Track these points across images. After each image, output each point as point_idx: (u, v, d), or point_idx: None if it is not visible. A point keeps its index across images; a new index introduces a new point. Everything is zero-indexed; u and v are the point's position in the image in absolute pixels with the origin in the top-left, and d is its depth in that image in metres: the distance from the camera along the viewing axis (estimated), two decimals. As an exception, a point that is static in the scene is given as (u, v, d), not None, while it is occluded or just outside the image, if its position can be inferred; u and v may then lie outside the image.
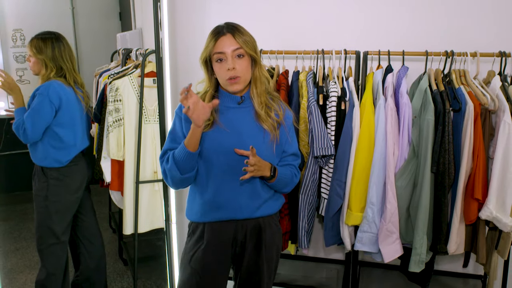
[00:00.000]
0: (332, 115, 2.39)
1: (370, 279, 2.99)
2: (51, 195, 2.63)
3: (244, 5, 2.88)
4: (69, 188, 2.68)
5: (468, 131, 2.22)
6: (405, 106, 2.31)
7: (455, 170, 2.29)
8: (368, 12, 2.70)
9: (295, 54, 2.55)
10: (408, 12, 2.65)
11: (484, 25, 2.56)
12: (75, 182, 2.71)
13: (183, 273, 1.91)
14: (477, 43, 2.42)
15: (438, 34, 2.59)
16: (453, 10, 2.59)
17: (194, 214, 1.88)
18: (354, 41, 2.56)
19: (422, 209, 2.31)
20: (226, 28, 1.73)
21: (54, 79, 2.58)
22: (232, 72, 1.71)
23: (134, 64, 3.01)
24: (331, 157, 2.39)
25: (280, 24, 2.79)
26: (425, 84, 2.33)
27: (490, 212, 2.22)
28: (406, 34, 2.64)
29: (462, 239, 2.38)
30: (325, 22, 2.75)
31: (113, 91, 2.79)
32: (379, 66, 2.48)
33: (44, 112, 2.52)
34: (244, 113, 1.82)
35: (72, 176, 2.69)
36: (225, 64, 1.72)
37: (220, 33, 1.72)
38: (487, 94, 2.26)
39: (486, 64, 2.41)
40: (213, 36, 1.73)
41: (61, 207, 2.67)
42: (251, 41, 1.77)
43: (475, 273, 2.86)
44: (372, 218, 2.37)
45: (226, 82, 1.75)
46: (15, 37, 4.50)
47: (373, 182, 2.34)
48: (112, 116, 2.81)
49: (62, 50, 2.63)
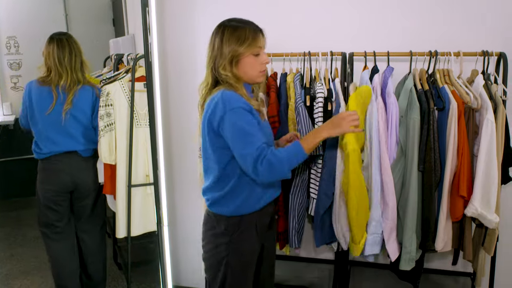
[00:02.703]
0: (319, 115, 2.42)
1: (361, 279, 3.01)
2: (36, 186, 2.81)
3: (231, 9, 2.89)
4: (42, 183, 2.79)
5: (452, 129, 2.24)
6: (392, 105, 2.34)
7: (441, 168, 2.32)
8: (353, 14, 2.74)
9: (283, 56, 2.59)
10: (392, 14, 2.68)
11: (467, 25, 2.60)
12: (49, 180, 2.78)
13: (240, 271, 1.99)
14: (461, 43, 2.45)
15: (422, 34, 2.62)
16: (436, 10, 2.62)
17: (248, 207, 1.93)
18: (340, 43, 2.59)
19: (410, 208, 2.33)
20: (254, 24, 1.92)
21: (36, 79, 2.74)
22: (265, 65, 1.92)
23: (125, 69, 3.05)
24: (319, 157, 2.42)
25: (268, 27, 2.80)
26: (410, 83, 2.37)
27: (475, 209, 2.24)
28: (391, 35, 2.67)
29: (449, 236, 2.41)
30: (311, 25, 2.78)
31: (104, 95, 2.82)
32: (365, 67, 2.51)
33: (23, 104, 2.80)
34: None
35: (47, 173, 2.79)
36: (261, 57, 1.88)
37: (258, 29, 1.89)
38: (470, 93, 2.29)
39: (470, 63, 2.43)
40: (256, 31, 1.88)
41: (42, 199, 2.79)
42: None
43: (464, 270, 2.88)
44: (378, 218, 2.40)
45: (259, 74, 1.90)
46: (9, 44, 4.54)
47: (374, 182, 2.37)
48: (104, 121, 2.84)
49: (52, 49, 2.71)
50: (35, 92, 2.72)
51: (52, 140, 2.74)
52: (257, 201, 1.93)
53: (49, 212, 2.79)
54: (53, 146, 2.75)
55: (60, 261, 2.88)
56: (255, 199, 1.92)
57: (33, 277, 3.36)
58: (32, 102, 2.73)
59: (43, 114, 2.72)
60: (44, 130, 2.74)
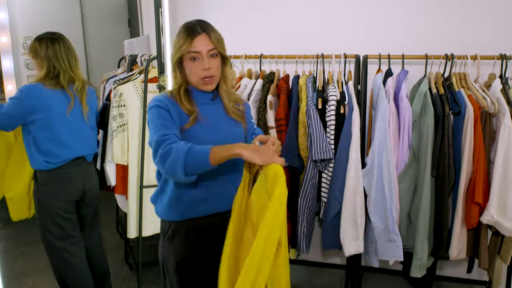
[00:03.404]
0: (331, 119, 2.39)
1: (373, 284, 2.97)
2: (42, 200, 2.56)
3: (244, 10, 2.91)
4: (56, 195, 2.56)
5: (468, 134, 2.20)
6: (405, 109, 2.31)
7: (455, 174, 2.27)
8: (368, 16, 2.71)
9: (295, 58, 2.56)
10: (408, 16, 2.64)
11: (485, 28, 2.54)
12: (64, 190, 2.57)
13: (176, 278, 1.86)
14: (478, 46, 2.40)
15: (438, 37, 2.58)
16: (453, 13, 2.58)
17: (177, 213, 1.82)
18: (354, 45, 2.57)
19: (422, 214, 2.30)
20: (199, 26, 1.73)
21: (37, 82, 2.48)
22: (208, 72, 1.72)
23: (138, 70, 3.05)
24: (330, 161, 2.39)
25: (281, 29, 2.81)
26: (425, 87, 2.33)
27: (491, 217, 2.19)
28: (406, 37, 2.64)
29: (464, 244, 2.36)
30: (325, 27, 2.76)
31: (117, 96, 2.83)
32: (379, 70, 2.48)
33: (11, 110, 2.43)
34: (217, 108, 1.83)
35: (61, 184, 2.56)
36: (200, 63, 1.72)
37: (195, 32, 1.71)
38: (487, 97, 2.24)
39: (487, 67, 2.38)
40: (188, 35, 1.72)
41: (52, 213, 2.57)
42: (222, 39, 1.78)
43: (479, 278, 2.82)
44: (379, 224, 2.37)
45: (200, 82, 1.75)
46: (25, 45, 4.58)
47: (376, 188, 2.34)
48: (116, 121, 2.84)
49: (57, 49, 2.51)
50: (46, 95, 2.47)
51: (68, 145, 2.57)
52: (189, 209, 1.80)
53: (64, 222, 2.61)
54: (68, 152, 2.57)
55: (80, 274, 2.71)
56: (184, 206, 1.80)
57: (45, 276, 3.38)
58: (47, 106, 2.47)
59: (61, 119, 2.51)
60: (59, 135, 2.53)
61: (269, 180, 1.47)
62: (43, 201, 2.57)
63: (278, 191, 1.40)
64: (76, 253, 2.69)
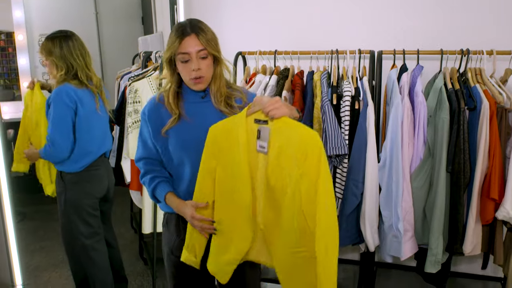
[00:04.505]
0: (346, 114, 2.39)
1: (387, 280, 2.97)
2: (71, 199, 2.56)
3: (258, 8, 2.92)
4: (87, 193, 2.59)
5: (483, 130, 2.19)
6: (421, 105, 2.30)
7: (470, 170, 2.26)
8: (382, 11, 2.70)
9: (310, 54, 2.57)
10: (422, 11, 2.64)
11: (501, 23, 2.53)
12: (94, 187, 2.62)
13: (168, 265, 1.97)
14: (494, 41, 2.39)
15: (453, 32, 2.57)
16: (468, 7, 2.57)
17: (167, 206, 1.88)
18: (368, 41, 2.57)
19: (437, 209, 2.29)
20: (190, 27, 1.73)
21: (65, 83, 2.47)
22: (197, 73, 1.74)
23: (153, 66, 3.08)
24: (345, 156, 2.39)
25: (295, 25, 2.81)
26: (440, 83, 2.32)
27: (507, 212, 2.18)
28: (421, 32, 2.63)
29: (479, 239, 2.35)
30: (339, 22, 2.76)
31: (132, 92, 2.85)
32: (394, 66, 2.48)
33: (66, 117, 2.44)
34: (208, 106, 1.84)
35: (91, 181, 2.60)
36: (190, 64, 1.73)
37: (185, 33, 1.72)
38: (503, 93, 2.23)
39: (503, 62, 2.37)
40: (177, 36, 1.72)
41: (81, 211, 2.58)
42: (214, 39, 1.77)
43: (494, 275, 2.81)
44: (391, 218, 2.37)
45: (191, 82, 1.77)
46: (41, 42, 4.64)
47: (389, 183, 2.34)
48: (132, 117, 2.87)
49: (72, 47, 2.50)
50: (76, 95, 2.46)
51: (100, 142, 2.62)
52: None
53: (92, 219, 2.63)
54: (100, 149, 2.63)
55: (103, 271, 2.73)
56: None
57: (61, 270, 3.43)
58: (83, 107, 2.48)
59: (94, 117, 2.55)
60: (94, 133, 2.57)
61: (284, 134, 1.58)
62: (72, 200, 2.57)
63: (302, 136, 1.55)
64: (101, 250, 2.73)
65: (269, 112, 1.59)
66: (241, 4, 2.88)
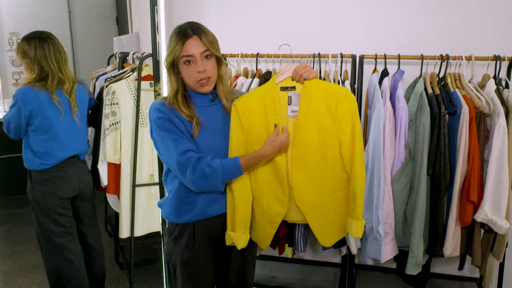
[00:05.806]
0: (328, 118, 2.39)
1: (367, 282, 2.99)
2: (37, 198, 2.58)
3: (241, 9, 2.90)
4: (52, 193, 2.59)
5: (463, 134, 2.23)
6: (402, 109, 2.32)
7: (450, 173, 2.30)
8: (364, 16, 2.72)
9: (292, 57, 2.56)
10: (404, 16, 2.67)
11: (479, 29, 2.58)
12: (60, 188, 2.60)
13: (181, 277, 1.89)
14: (472, 47, 2.43)
15: (434, 38, 2.61)
16: (449, 14, 2.61)
17: (185, 216, 1.84)
18: (350, 45, 2.57)
19: (418, 212, 2.31)
20: (191, 29, 1.72)
21: (28, 85, 2.47)
22: (203, 74, 1.73)
23: (131, 68, 3.02)
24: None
25: (277, 28, 2.81)
26: (421, 87, 2.35)
27: (486, 215, 2.22)
28: (402, 38, 2.66)
29: (458, 241, 2.39)
30: (322, 26, 2.77)
31: (110, 94, 2.80)
32: (375, 70, 2.49)
33: (15, 119, 2.49)
34: (217, 109, 1.84)
35: (56, 182, 2.59)
36: (194, 66, 1.72)
37: (187, 36, 1.71)
38: (482, 98, 2.27)
39: (481, 68, 2.42)
40: (179, 39, 1.71)
41: (48, 210, 2.59)
42: (215, 40, 1.77)
43: (470, 275, 2.87)
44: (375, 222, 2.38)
45: (197, 84, 1.75)
46: (11, 41, 4.52)
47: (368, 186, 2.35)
48: (109, 120, 2.81)
49: (47, 50, 2.47)
50: (41, 98, 2.48)
51: (64, 146, 2.58)
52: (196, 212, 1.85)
53: (61, 218, 2.63)
54: (64, 152, 2.59)
55: (76, 272, 2.70)
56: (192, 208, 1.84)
57: (33, 275, 3.34)
58: (42, 109, 2.48)
59: (56, 120, 2.53)
60: (55, 136, 2.55)
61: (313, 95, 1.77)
62: (38, 199, 2.58)
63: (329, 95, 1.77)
64: (75, 250, 2.71)
65: (303, 75, 1.65)
66: (223, 6, 2.86)
